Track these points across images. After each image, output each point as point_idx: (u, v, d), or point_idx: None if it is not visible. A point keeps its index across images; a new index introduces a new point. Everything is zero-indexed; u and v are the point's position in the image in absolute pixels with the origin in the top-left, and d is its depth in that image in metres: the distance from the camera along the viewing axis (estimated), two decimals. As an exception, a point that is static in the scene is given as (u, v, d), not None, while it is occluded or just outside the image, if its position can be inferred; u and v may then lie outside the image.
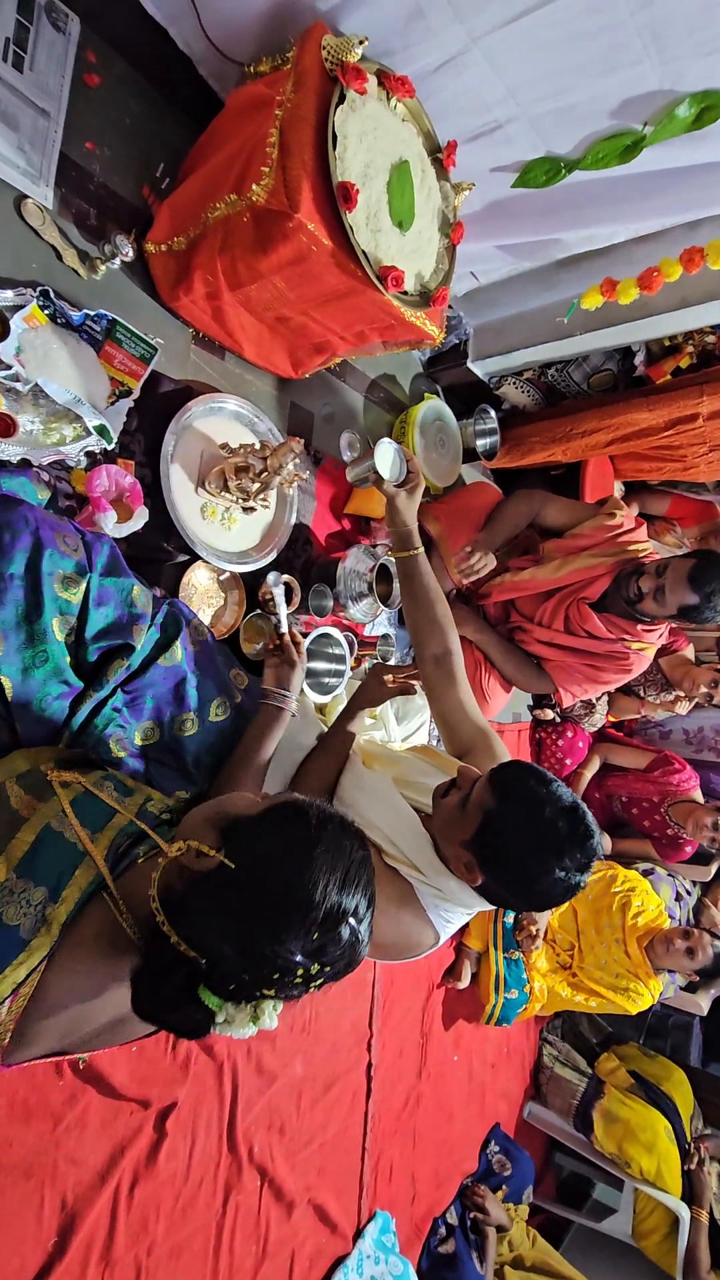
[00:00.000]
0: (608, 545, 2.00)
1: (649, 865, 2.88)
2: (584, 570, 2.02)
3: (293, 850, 0.71)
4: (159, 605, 1.19)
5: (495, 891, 1.07)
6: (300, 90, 1.19)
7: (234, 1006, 0.72)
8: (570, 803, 1.02)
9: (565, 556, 2.05)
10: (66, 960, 0.73)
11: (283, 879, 0.70)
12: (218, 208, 1.27)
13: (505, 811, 1.02)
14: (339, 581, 1.78)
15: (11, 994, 0.70)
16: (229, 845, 0.72)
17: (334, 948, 0.70)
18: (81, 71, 1.32)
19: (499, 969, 2.45)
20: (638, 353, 2.16)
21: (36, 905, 0.74)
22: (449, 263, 1.51)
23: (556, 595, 2.07)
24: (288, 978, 0.69)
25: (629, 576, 1.93)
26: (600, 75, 1.32)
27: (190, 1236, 1.49)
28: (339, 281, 1.31)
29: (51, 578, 0.99)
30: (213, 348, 1.61)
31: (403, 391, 2.25)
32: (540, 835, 0.99)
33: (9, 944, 0.71)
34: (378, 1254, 1.97)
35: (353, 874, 0.72)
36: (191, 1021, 0.71)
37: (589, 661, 2.07)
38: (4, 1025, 0.70)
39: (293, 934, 0.68)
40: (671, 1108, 2.80)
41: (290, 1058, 1.78)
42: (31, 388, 1.21)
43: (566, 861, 0.98)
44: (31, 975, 0.71)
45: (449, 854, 1.11)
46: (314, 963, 0.70)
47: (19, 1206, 1.21)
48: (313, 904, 0.69)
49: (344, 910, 0.70)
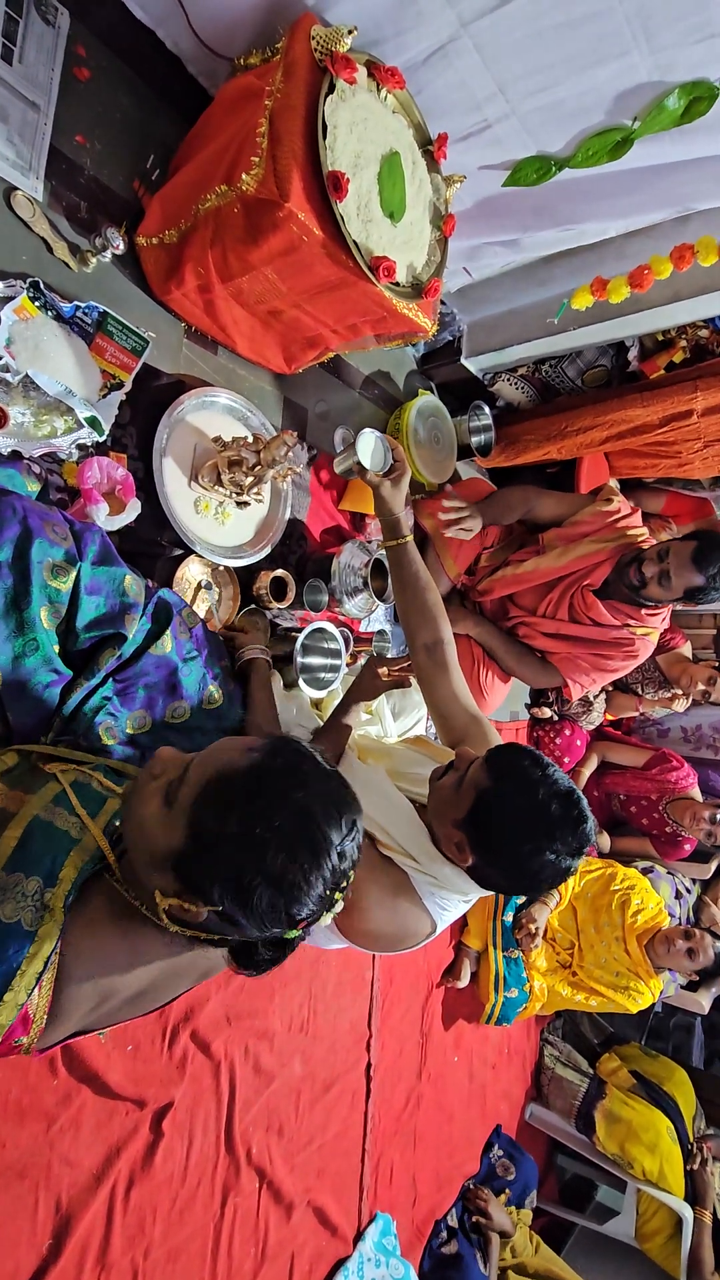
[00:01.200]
0: (607, 531, 2.02)
1: (648, 863, 2.87)
2: (586, 557, 2.04)
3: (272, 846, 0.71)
4: (150, 595, 1.18)
5: (486, 873, 1.07)
6: (290, 80, 1.19)
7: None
8: (566, 787, 1.01)
9: (566, 544, 2.07)
10: (83, 937, 0.74)
11: (276, 872, 0.71)
12: (208, 199, 1.27)
13: (499, 791, 1.02)
14: (334, 576, 1.78)
15: (36, 984, 0.70)
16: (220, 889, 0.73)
17: (336, 878, 0.75)
18: (71, 65, 1.32)
19: (498, 968, 2.43)
20: (631, 348, 2.16)
21: (33, 895, 0.74)
22: (441, 255, 1.51)
23: (560, 585, 2.08)
24: (315, 920, 0.75)
25: (630, 563, 1.93)
26: (589, 67, 1.32)
27: (188, 1239, 1.47)
28: (330, 272, 1.31)
29: (40, 566, 0.99)
30: (205, 342, 1.61)
31: (397, 388, 2.25)
32: (532, 816, 0.99)
33: (16, 940, 0.70)
34: (379, 1256, 1.95)
35: (344, 820, 0.75)
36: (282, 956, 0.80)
37: (595, 650, 2.08)
38: (39, 1014, 0.71)
39: (303, 909, 0.72)
40: (674, 1108, 2.78)
41: (288, 1057, 1.76)
42: (22, 379, 1.20)
43: (558, 845, 0.98)
44: (50, 962, 0.71)
45: (441, 833, 1.11)
46: (327, 906, 0.75)
47: (13, 1208, 1.19)
48: (314, 881, 0.72)
49: (343, 853, 0.74)
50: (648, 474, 2.64)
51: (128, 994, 0.80)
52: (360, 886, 1.11)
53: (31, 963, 0.70)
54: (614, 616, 2.02)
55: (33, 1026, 0.71)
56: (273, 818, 0.69)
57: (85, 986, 0.74)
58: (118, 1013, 0.82)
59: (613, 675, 2.16)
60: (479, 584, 2.22)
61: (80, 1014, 0.76)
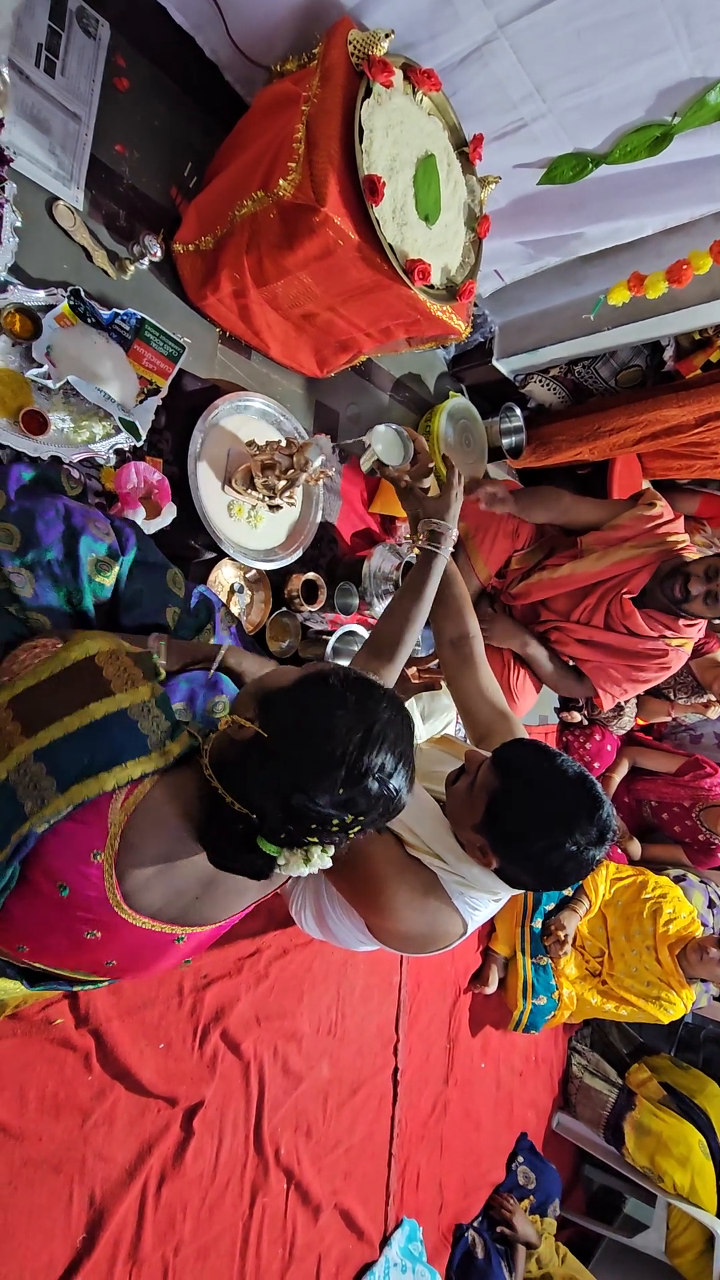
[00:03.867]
0: (647, 536, 1.95)
1: (680, 871, 2.82)
2: (625, 562, 1.98)
3: (315, 715, 0.78)
4: (190, 591, 1.20)
5: (512, 873, 1.06)
6: (327, 85, 1.20)
7: (288, 852, 0.80)
8: (575, 774, 1.01)
9: (605, 549, 2.01)
10: (167, 793, 0.82)
11: (306, 742, 0.76)
12: (245, 205, 1.28)
13: (508, 790, 1.02)
14: (364, 580, 1.78)
15: (128, 785, 0.79)
16: (263, 715, 0.79)
17: (364, 800, 0.76)
18: (111, 76, 1.34)
19: (527, 975, 2.41)
20: (667, 347, 2.12)
21: (164, 731, 0.85)
22: (475, 256, 1.50)
23: (597, 591, 2.03)
24: (326, 827, 0.77)
25: (673, 575, 1.87)
26: (628, 65, 1.31)
27: (217, 1237, 1.48)
28: (365, 276, 1.31)
29: (86, 561, 1.01)
30: (239, 347, 1.62)
31: (428, 390, 2.25)
32: (546, 811, 0.99)
33: (137, 745, 0.81)
34: (405, 1262, 1.94)
35: (377, 733, 0.77)
36: (255, 866, 0.81)
37: (629, 661, 2.03)
38: (116, 822, 0.78)
39: (320, 790, 0.75)
40: (706, 1122, 2.72)
41: (317, 1059, 1.76)
42: (62, 386, 1.23)
43: (577, 836, 0.96)
44: (145, 780, 0.80)
45: (463, 839, 1.11)
46: (346, 814, 0.76)
47: (48, 1201, 1.21)
48: (334, 762, 0.75)
49: (369, 767, 0.76)
50: (682, 475, 2.60)
51: (196, 876, 0.84)
52: (390, 887, 1.11)
53: (137, 765, 0.80)
54: (651, 627, 1.97)
55: (107, 843, 0.77)
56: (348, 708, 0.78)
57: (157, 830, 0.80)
58: (195, 906, 0.86)
59: (645, 686, 2.11)
60: (511, 587, 2.19)
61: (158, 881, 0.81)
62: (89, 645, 0.87)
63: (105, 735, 0.80)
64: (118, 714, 0.82)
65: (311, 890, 1.48)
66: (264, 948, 1.65)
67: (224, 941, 1.57)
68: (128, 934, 0.82)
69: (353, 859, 1.18)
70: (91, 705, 0.81)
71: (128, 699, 0.83)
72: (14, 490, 1.05)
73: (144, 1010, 1.39)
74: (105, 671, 0.85)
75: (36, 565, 0.99)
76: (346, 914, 1.35)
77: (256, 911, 1.66)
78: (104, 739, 0.80)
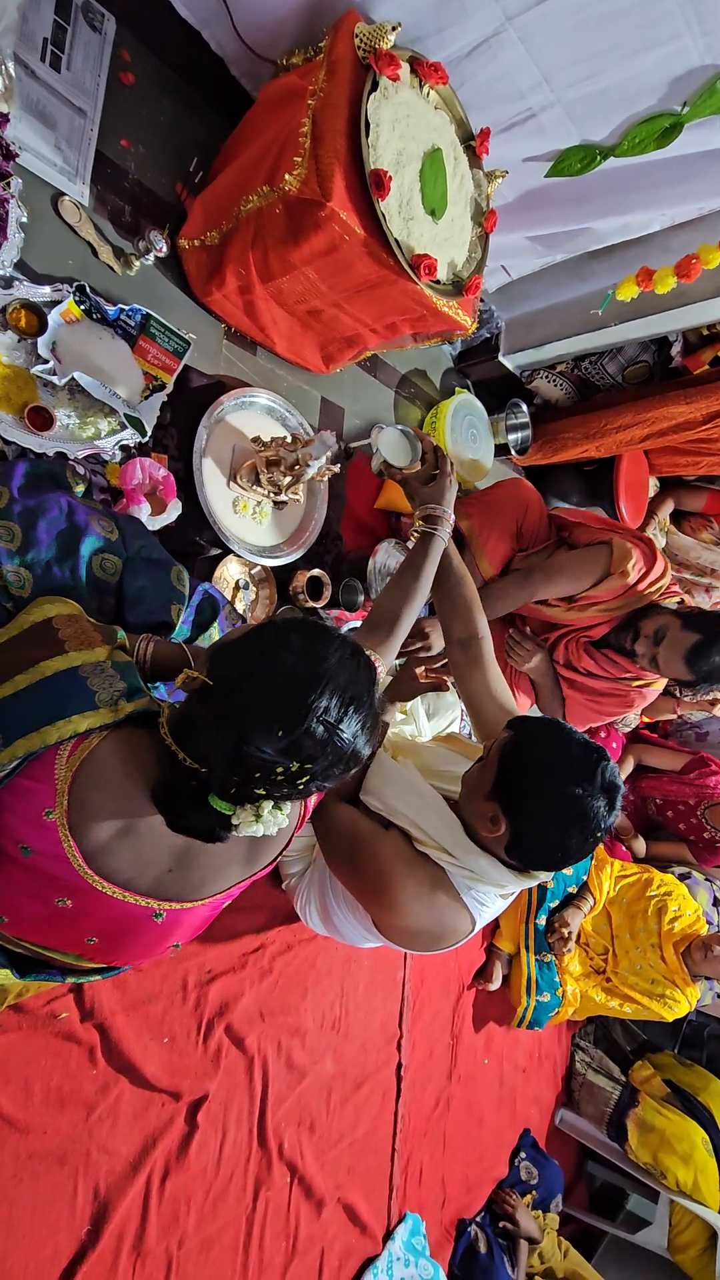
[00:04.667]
0: (619, 599, 1.81)
1: (685, 869, 2.81)
2: (591, 617, 1.88)
3: (257, 658, 0.76)
4: (194, 588, 1.20)
5: (523, 837, 1.06)
6: (333, 79, 1.19)
7: (240, 810, 0.78)
8: (582, 737, 1.06)
9: (573, 608, 1.90)
10: (116, 748, 0.80)
11: (247, 684, 0.74)
12: (250, 200, 1.28)
13: (519, 741, 1.07)
14: (369, 576, 1.78)
15: (73, 739, 0.78)
16: (211, 664, 0.78)
17: (309, 745, 0.73)
18: (117, 70, 1.34)
19: (531, 971, 2.41)
20: (675, 343, 2.11)
21: (117, 690, 0.83)
22: (482, 251, 1.50)
23: (560, 630, 1.97)
24: (270, 776, 0.74)
25: (627, 625, 1.79)
26: (637, 53, 1.30)
27: (221, 1230, 1.48)
28: (371, 271, 1.31)
29: (89, 560, 1.01)
30: (244, 343, 1.62)
31: (433, 386, 2.24)
32: (553, 755, 1.03)
33: (84, 700, 0.80)
34: (408, 1256, 1.95)
35: (321, 674, 0.74)
36: (207, 824, 0.79)
37: (589, 700, 1.98)
38: (62, 777, 0.77)
39: (260, 734, 0.72)
40: (709, 1119, 2.71)
41: (320, 1055, 1.77)
42: (68, 382, 1.23)
43: (585, 782, 0.99)
44: (91, 736, 0.79)
45: (474, 813, 1.11)
46: (291, 761, 0.73)
47: (53, 1193, 1.22)
48: (273, 703, 0.72)
49: (311, 708, 0.72)
50: (688, 471, 2.59)
51: (167, 846, 0.82)
52: (397, 882, 1.11)
53: (82, 719, 0.78)
54: (606, 669, 1.89)
55: (56, 800, 0.76)
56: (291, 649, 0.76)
57: (105, 784, 0.79)
58: (169, 879, 0.84)
59: (608, 719, 2.08)
60: None
61: (106, 836, 0.78)
62: (47, 609, 0.87)
63: (52, 691, 0.79)
64: (68, 671, 0.81)
65: (317, 886, 1.48)
66: (268, 943, 1.66)
67: (228, 937, 1.57)
68: (101, 904, 0.80)
69: (359, 856, 1.18)
70: (43, 663, 0.81)
71: (80, 658, 0.83)
72: (17, 487, 1.05)
73: (148, 1005, 1.39)
74: (61, 633, 0.85)
75: (36, 565, 0.98)
76: (352, 910, 1.35)
77: (261, 907, 1.68)
78: (50, 694, 0.79)
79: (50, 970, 0.95)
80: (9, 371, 1.19)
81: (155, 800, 0.79)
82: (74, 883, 0.78)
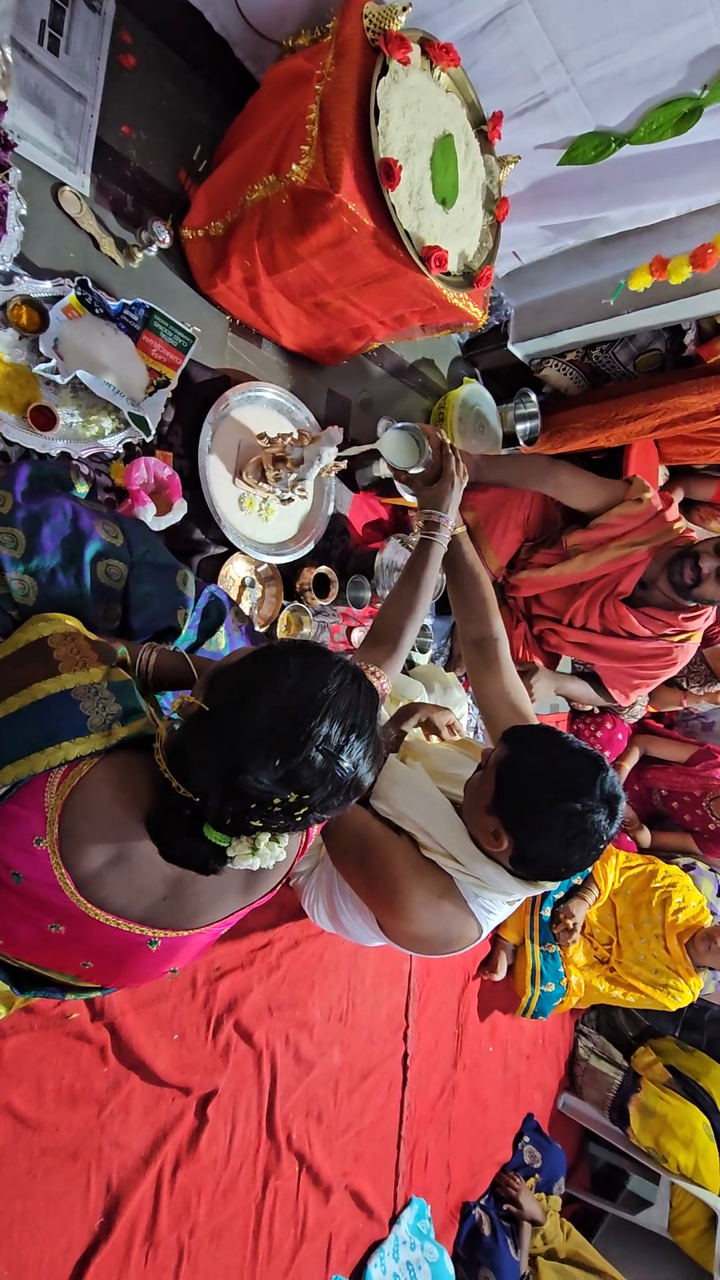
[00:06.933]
0: (637, 534, 1.85)
1: (690, 860, 2.82)
2: (613, 562, 1.89)
3: (254, 684, 0.73)
4: (200, 591, 1.18)
5: (526, 853, 1.05)
6: (341, 63, 1.15)
7: (236, 841, 0.75)
8: (580, 745, 1.03)
9: (592, 549, 1.92)
10: (108, 775, 0.78)
11: (242, 711, 0.72)
12: (256, 190, 1.24)
13: (516, 757, 1.04)
14: (376, 572, 1.76)
15: (63, 767, 0.76)
16: (208, 690, 0.76)
17: (308, 775, 0.70)
18: (117, 53, 1.30)
19: (535, 962, 2.43)
20: (688, 331, 2.06)
21: (111, 714, 0.80)
22: (493, 241, 1.46)
23: (587, 592, 1.95)
24: (267, 808, 0.71)
25: (680, 559, 1.79)
26: (656, 31, 1.25)
27: (231, 1219, 1.51)
28: (380, 263, 1.27)
29: (94, 567, 1.00)
30: (250, 335, 1.59)
31: (441, 376, 2.20)
32: (551, 772, 1.01)
33: (75, 726, 0.78)
34: (413, 1239, 1.99)
35: (321, 700, 0.71)
36: (200, 856, 0.76)
37: (633, 664, 1.97)
38: (53, 805, 0.75)
39: (256, 764, 0.69)
40: (710, 1104, 2.75)
41: (328, 1047, 1.79)
42: (71, 380, 1.20)
43: (584, 797, 0.98)
44: (82, 763, 0.77)
45: (476, 827, 1.10)
46: (289, 791, 0.70)
47: (66, 1188, 1.24)
48: (269, 731, 0.70)
49: (309, 736, 0.70)
50: (699, 460, 2.55)
51: (161, 875, 0.80)
52: (405, 889, 1.11)
53: (75, 745, 0.76)
54: (647, 626, 1.89)
55: (47, 828, 0.74)
56: (289, 674, 0.73)
57: (96, 814, 0.76)
58: (164, 907, 0.82)
59: (656, 683, 2.07)
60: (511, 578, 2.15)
61: (99, 864, 0.77)
62: (42, 627, 0.85)
63: (43, 715, 0.77)
64: (60, 694, 0.79)
65: (325, 885, 1.49)
66: (276, 939, 1.67)
67: (236, 934, 1.58)
68: (94, 931, 0.79)
69: (368, 860, 1.18)
70: (35, 685, 0.79)
71: (74, 680, 0.81)
72: (20, 492, 1.03)
73: (158, 1003, 1.40)
74: (56, 652, 0.83)
75: (41, 572, 0.97)
76: (359, 910, 1.36)
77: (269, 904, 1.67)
78: (41, 719, 0.77)
79: (49, 987, 0.95)
80: (10, 370, 1.17)
81: (148, 829, 0.77)
82: (66, 909, 0.76)
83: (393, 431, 1.31)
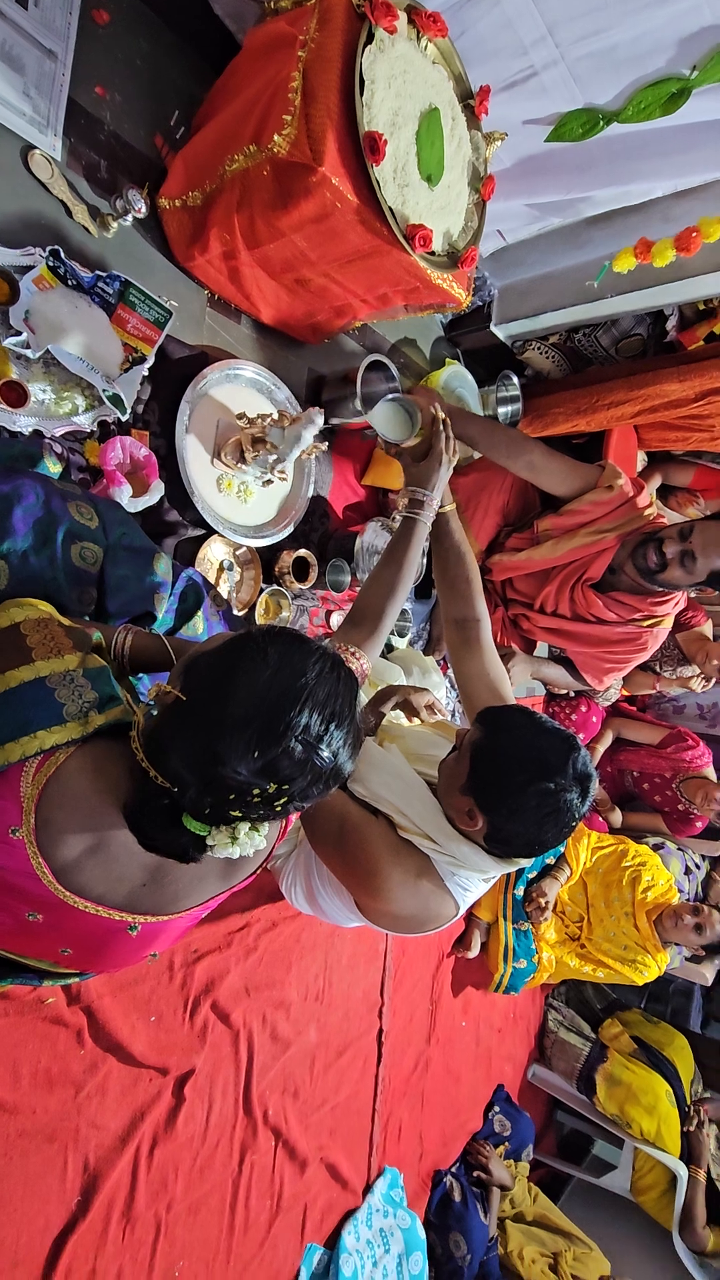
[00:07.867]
0: (606, 520, 1.86)
1: (659, 839, 2.89)
2: (583, 548, 1.89)
3: (231, 672, 0.72)
4: (178, 574, 1.16)
5: (500, 833, 1.06)
6: (325, 29, 1.11)
7: (215, 831, 0.75)
8: (553, 725, 1.04)
9: (562, 535, 1.93)
10: (85, 764, 0.77)
11: (219, 700, 0.71)
12: (236, 160, 1.20)
13: (490, 739, 1.05)
14: (356, 557, 1.75)
15: (38, 756, 0.74)
16: (184, 678, 0.75)
17: (287, 765, 0.70)
18: (89, 7, 1.24)
19: (508, 939, 2.48)
20: (670, 316, 2.06)
21: (87, 702, 0.79)
22: (479, 220, 1.43)
23: (558, 578, 1.96)
24: (246, 798, 0.71)
25: (646, 544, 1.79)
26: (648, 7, 1.22)
27: (208, 1194, 1.54)
28: (363, 241, 1.24)
29: (68, 549, 0.97)
30: (229, 310, 1.55)
31: (423, 356, 2.17)
32: (524, 752, 1.01)
33: (50, 715, 0.76)
34: (386, 1207, 2.05)
35: (299, 689, 0.71)
36: (179, 845, 0.75)
37: (604, 650, 1.99)
38: (28, 795, 0.74)
39: (234, 753, 0.69)
40: (673, 1072, 2.86)
41: (304, 1025, 1.81)
42: (42, 355, 1.16)
43: (557, 777, 0.99)
44: (58, 752, 0.76)
45: (452, 807, 1.12)
46: (268, 782, 0.70)
47: (43, 1169, 1.25)
48: (246, 720, 0.69)
49: (288, 726, 0.69)
50: (677, 446, 2.56)
51: (140, 862, 0.79)
52: (383, 870, 1.12)
53: (50, 734, 0.75)
54: (616, 611, 1.90)
55: (22, 818, 0.73)
56: (268, 663, 0.72)
57: (73, 804, 0.75)
58: (143, 894, 0.81)
59: (628, 668, 2.09)
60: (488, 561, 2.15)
61: (77, 853, 0.76)
62: (14, 613, 0.83)
63: (17, 704, 0.75)
64: (34, 682, 0.77)
65: (302, 868, 1.49)
66: (253, 921, 1.68)
67: (214, 917, 1.59)
68: (73, 919, 0.78)
69: (346, 842, 1.19)
70: (8, 673, 0.77)
71: (48, 667, 0.79)
72: (-9, 474, 1.00)
73: (135, 986, 1.41)
74: (29, 639, 0.81)
75: (12, 554, 0.94)
76: (337, 892, 1.37)
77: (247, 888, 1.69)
78: (15, 708, 0.75)
79: (26, 973, 0.94)
80: (-21, 343, 1.12)
81: (126, 819, 0.76)
82: (44, 897, 0.76)
83: (384, 403, 1.28)
